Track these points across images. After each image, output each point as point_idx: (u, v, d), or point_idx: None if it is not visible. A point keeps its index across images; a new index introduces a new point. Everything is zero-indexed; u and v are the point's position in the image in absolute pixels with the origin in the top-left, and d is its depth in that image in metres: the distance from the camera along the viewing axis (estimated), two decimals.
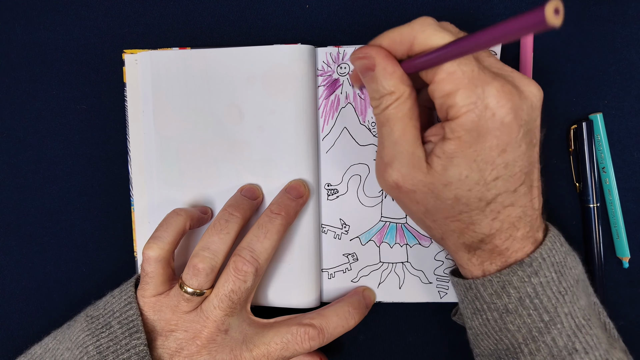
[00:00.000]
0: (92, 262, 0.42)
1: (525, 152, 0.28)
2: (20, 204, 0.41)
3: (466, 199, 0.28)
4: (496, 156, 0.27)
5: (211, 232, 0.34)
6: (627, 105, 0.38)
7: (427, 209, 0.30)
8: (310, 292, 0.39)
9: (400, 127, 0.29)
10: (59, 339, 0.34)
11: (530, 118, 0.28)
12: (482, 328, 0.32)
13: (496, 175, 0.28)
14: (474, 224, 0.29)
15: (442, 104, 0.27)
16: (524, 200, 0.29)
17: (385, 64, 0.28)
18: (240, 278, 0.33)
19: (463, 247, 0.31)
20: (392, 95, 0.29)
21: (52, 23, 0.40)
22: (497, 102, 0.26)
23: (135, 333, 0.32)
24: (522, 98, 0.28)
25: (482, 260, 0.31)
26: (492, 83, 0.27)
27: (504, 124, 0.27)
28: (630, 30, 0.38)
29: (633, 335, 0.40)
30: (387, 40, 0.29)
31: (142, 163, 0.39)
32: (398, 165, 0.29)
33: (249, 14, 0.39)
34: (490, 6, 0.38)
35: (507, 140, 0.27)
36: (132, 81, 0.39)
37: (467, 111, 0.27)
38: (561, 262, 0.30)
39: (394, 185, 0.30)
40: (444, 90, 0.27)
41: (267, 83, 0.37)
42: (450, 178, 0.28)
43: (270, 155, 0.38)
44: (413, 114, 0.29)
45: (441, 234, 0.32)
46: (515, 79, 0.28)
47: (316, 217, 0.39)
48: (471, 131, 0.27)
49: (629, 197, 0.39)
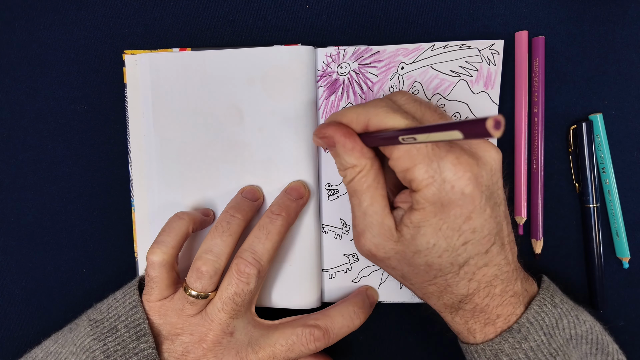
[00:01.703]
0: (92, 263, 0.42)
1: (490, 215, 0.29)
2: (20, 204, 0.41)
3: (438, 265, 0.29)
4: (462, 223, 0.28)
5: (213, 235, 0.34)
6: (627, 105, 0.38)
7: (403, 273, 0.32)
8: (312, 293, 0.39)
9: (367, 198, 0.30)
10: (61, 342, 0.34)
11: (491, 182, 0.29)
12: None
13: (464, 240, 0.29)
14: (450, 286, 0.30)
15: (404, 178, 0.29)
16: (498, 259, 0.30)
17: (344, 141, 0.30)
18: (243, 280, 0.33)
19: (444, 308, 0.32)
20: (354, 168, 0.30)
21: (52, 23, 0.40)
22: (454, 175, 0.27)
23: (143, 337, 0.32)
24: (480, 165, 0.28)
25: (466, 319, 0.32)
26: (446, 157, 0.28)
27: (464, 195, 0.28)
28: (630, 30, 0.38)
29: (633, 335, 0.40)
30: (345, 119, 0.30)
31: (143, 164, 0.39)
32: (369, 236, 0.31)
33: (249, 14, 0.39)
34: (490, 6, 0.38)
35: (471, 208, 0.28)
36: (132, 82, 0.39)
37: (427, 184, 0.28)
38: (552, 324, 0.31)
39: (369, 254, 0.31)
40: (402, 166, 0.28)
41: (267, 84, 0.37)
42: (419, 246, 0.29)
43: (270, 156, 0.38)
44: (378, 184, 0.30)
45: (422, 295, 0.33)
46: (472, 146, 0.29)
47: (317, 217, 0.39)
48: (434, 203, 0.28)
49: (629, 197, 0.39)
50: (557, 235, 0.39)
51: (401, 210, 0.30)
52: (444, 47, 0.37)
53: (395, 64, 0.38)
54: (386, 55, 0.38)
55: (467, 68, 0.37)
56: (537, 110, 0.38)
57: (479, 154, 0.29)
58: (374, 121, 0.29)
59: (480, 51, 0.37)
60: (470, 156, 0.28)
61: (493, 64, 0.37)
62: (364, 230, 0.31)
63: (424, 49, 0.37)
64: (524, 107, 0.38)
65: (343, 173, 0.31)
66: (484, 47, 0.37)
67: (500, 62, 0.37)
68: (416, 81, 0.38)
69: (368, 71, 0.38)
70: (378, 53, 0.38)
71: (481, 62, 0.37)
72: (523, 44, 0.37)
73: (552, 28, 0.38)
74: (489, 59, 0.37)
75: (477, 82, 0.37)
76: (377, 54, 0.38)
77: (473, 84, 0.37)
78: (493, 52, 0.37)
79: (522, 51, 0.37)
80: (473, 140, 0.29)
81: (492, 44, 0.37)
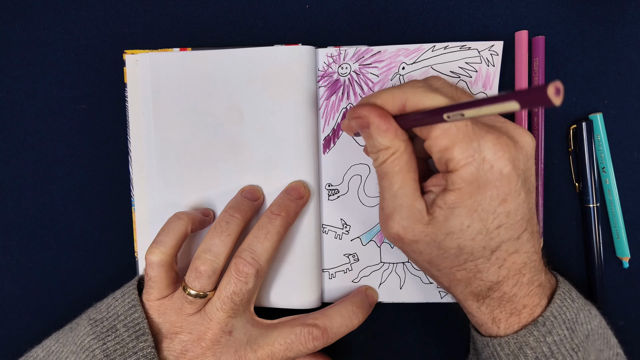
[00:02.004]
0: (92, 263, 0.42)
1: (524, 200, 0.29)
2: (20, 204, 0.41)
3: (470, 248, 0.29)
4: (497, 205, 0.28)
5: (212, 235, 0.34)
6: (627, 105, 0.38)
7: (430, 258, 0.31)
8: (312, 293, 0.39)
9: (398, 180, 0.30)
10: (62, 341, 0.34)
11: (526, 167, 0.29)
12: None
13: (498, 223, 0.28)
14: (480, 272, 0.30)
15: (440, 158, 0.28)
16: (527, 246, 0.30)
17: (378, 122, 0.29)
18: (241, 280, 0.33)
19: (471, 296, 0.31)
20: (388, 150, 0.29)
21: (52, 23, 0.40)
22: (494, 154, 0.27)
23: (142, 336, 0.32)
24: (518, 148, 0.28)
25: (492, 308, 0.31)
26: (486, 136, 0.27)
27: (502, 175, 0.28)
28: (630, 30, 0.38)
29: (633, 335, 0.40)
30: (380, 100, 0.30)
31: (143, 163, 0.39)
32: (398, 218, 0.30)
33: (249, 14, 0.39)
34: (490, 6, 0.38)
35: (507, 190, 0.28)
36: (132, 81, 0.39)
37: (466, 164, 0.27)
38: (572, 319, 0.31)
39: (396, 237, 0.31)
40: (440, 145, 0.28)
41: (267, 84, 0.37)
42: (452, 228, 0.29)
43: (271, 156, 0.38)
44: (410, 167, 0.30)
45: (448, 283, 0.32)
46: (509, 129, 0.29)
47: (317, 217, 0.39)
48: (471, 183, 0.28)
49: (629, 197, 0.39)
50: (557, 235, 0.39)
51: (432, 194, 0.30)
52: (444, 48, 0.37)
53: (396, 64, 0.38)
54: (387, 56, 0.38)
55: (467, 69, 0.37)
56: (538, 110, 0.38)
57: (516, 138, 0.29)
58: (412, 101, 0.28)
59: (480, 52, 0.37)
60: (509, 138, 0.28)
61: (492, 65, 0.37)
62: (393, 212, 0.30)
63: (425, 50, 0.37)
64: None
65: (375, 155, 0.30)
66: (483, 49, 0.37)
67: (499, 63, 0.37)
68: None
69: (369, 71, 0.38)
70: (379, 53, 0.38)
71: (480, 63, 0.37)
72: (523, 43, 0.37)
73: (552, 28, 0.38)
74: (488, 60, 0.37)
75: (475, 83, 0.37)
76: (378, 55, 0.38)
77: (472, 85, 0.37)
78: (492, 54, 0.37)
79: (522, 51, 0.37)
80: (510, 125, 0.29)
81: (492, 45, 0.37)
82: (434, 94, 0.28)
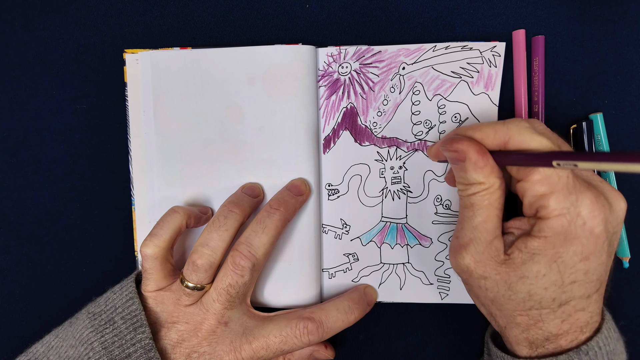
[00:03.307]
0: (92, 262, 0.42)
1: (604, 262, 0.29)
2: (20, 204, 0.41)
3: (539, 297, 0.29)
4: (578, 261, 0.28)
5: (210, 229, 0.35)
6: (627, 105, 0.38)
7: (495, 297, 0.30)
8: (311, 292, 0.39)
9: (483, 214, 0.29)
10: (62, 336, 0.34)
11: (614, 230, 0.29)
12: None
13: (574, 279, 0.28)
14: (542, 322, 0.30)
15: (533, 203, 0.28)
16: (594, 307, 0.30)
17: (476, 158, 0.28)
18: (237, 273, 0.34)
19: (525, 342, 0.31)
20: (481, 185, 0.29)
21: (52, 23, 0.40)
22: (590, 213, 0.27)
23: (140, 327, 0.33)
24: (612, 211, 0.28)
25: (540, 352, 0.31)
26: (586, 193, 0.27)
27: (592, 234, 0.28)
28: (630, 30, 0.38)
29: (633, 335, 0.40)
30: (479, 134, 0.29)
31: (143, 163, 0.39)
32: (473, 251, 0.30)
33: (249, 14, 0.39)
34: (491, 6, 0.38)
35: (592, 249, 0.28)
36: (133, 81, 0.39)
37: (559, 215, 0.27)
38: (613, 350, 0.31)
39: (465, 269, 0.30)
40: (537, 190, 0.27)
41: (267, 83, 0.37)
42: (528, 273, 0.28)
43: (271, 155, 0.38)
44: (499, 204, 0.29)
45: (505, 324, 0.32)
46: (605, 190, 0.29)
47: (317, 217, 0.39)
48: (559, 234, 0.27)
49: (629, 197, 0.39)
50: None
51: (512, 236, 0.30)
52: (445, 48, 0.37)
53: (396, 64, 0.38)
54: (387, 55, 0.38)
55: (468, 69, 0.37)
56: (538, 109, 0.38)
57: (610, 200, 0.29)
58: (516, 140, 0.28)
59: (482, 53, 0.37)
60: (605, 199, 0.28)
61: (494, 66, 0.37)
62: (469, 244, 0.30)
63: (426, 50, 0.37)
64: (524, 106, 0.38)
65: (464, 187, 0.30)
66: (485, 49, 0.37)
67: (502, 64, 0.37)
68: (417, 81, 0.38)
69: (369, 71, 0.38)
70: (379, 53, 0.38)
71: (482, 63, 0.37)
72: (520, 42, 0.37)
73: (552, 28, 0.38)
74: (490, 60, 0.37)
75: (477, 83, 0.37)
76: (379, 54, 0.38)
77: (473, 85, 0.37)
78: (494, 54, 0.37)
79: (519, 50, 0.37)
80: (606, 186, 0.29)
81: (494, 45, 0.37)
82: (541, 137, 0.28)
